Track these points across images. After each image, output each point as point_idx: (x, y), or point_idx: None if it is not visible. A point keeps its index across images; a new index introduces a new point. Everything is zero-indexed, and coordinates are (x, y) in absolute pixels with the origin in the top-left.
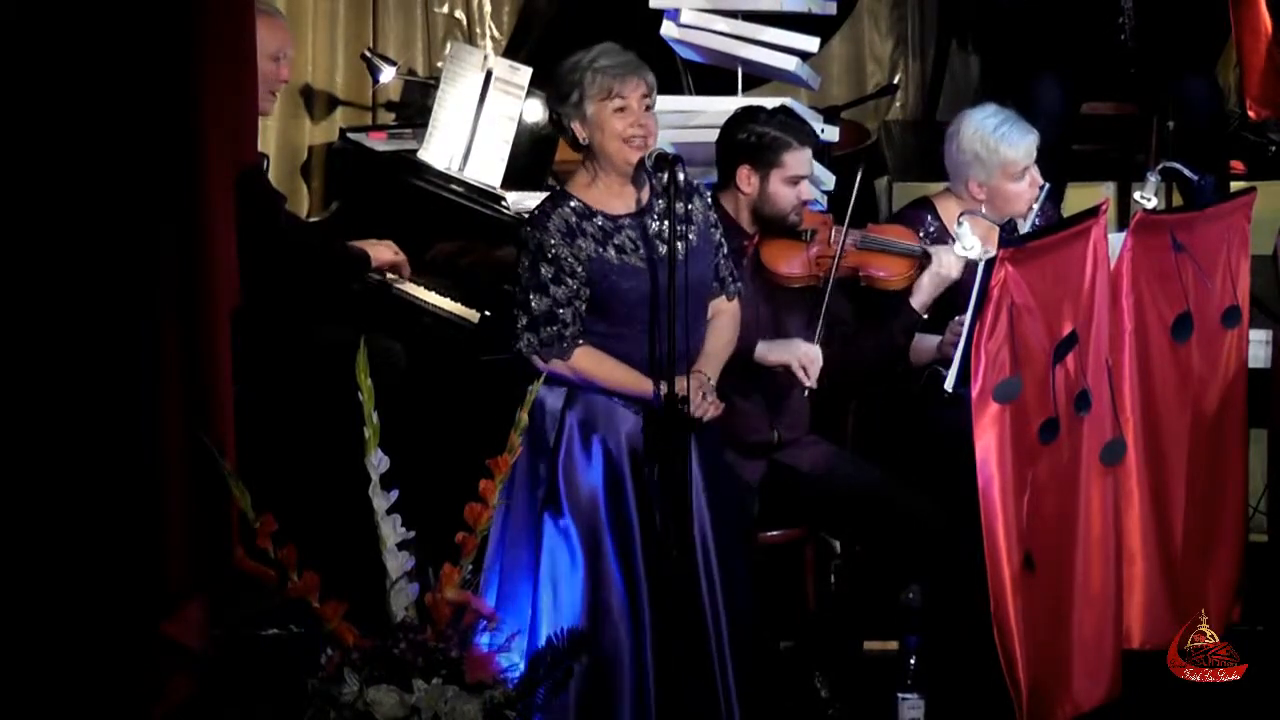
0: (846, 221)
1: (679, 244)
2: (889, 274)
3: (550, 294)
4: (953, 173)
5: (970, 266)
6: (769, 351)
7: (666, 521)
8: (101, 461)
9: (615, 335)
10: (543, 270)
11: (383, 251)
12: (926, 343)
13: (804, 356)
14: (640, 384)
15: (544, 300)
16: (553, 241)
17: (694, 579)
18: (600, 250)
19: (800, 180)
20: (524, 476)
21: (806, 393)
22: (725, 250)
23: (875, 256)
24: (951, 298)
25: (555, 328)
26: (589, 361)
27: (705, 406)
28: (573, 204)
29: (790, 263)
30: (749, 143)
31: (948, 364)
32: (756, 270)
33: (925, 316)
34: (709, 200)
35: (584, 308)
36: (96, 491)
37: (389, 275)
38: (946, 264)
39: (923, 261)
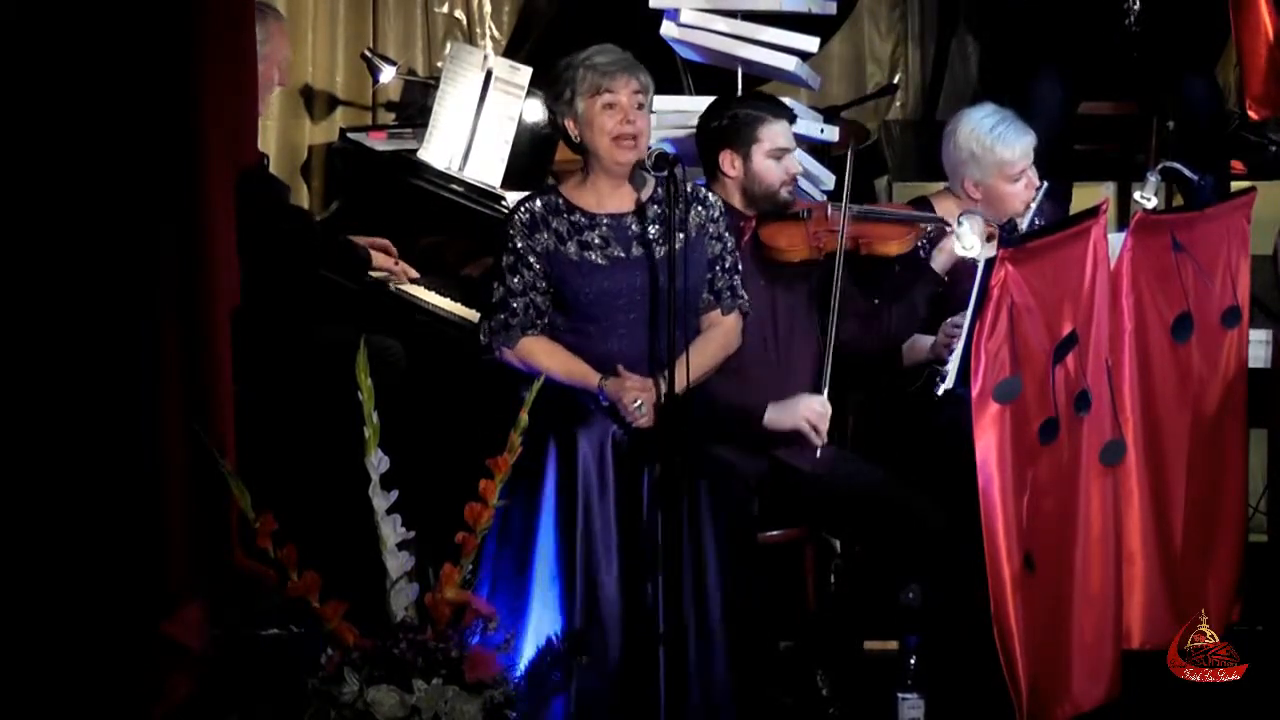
0: (845, 195)
1: (658, 249)
2: (887, 238)
3: (506, 283)
4: (949, 171)
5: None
6: (778, 416)
7: (627, 527)
8: (102, 461)
9: (575, 330)
10: (504, 260)
11: (378, 258)
12: (921, 342)
13: (811, 415)
14: (584, 377)
15: (500, 290)
16: (512, 232)
17: (674, 583)
18: (559, 245)
19: (784, 154)
20: None
21: (819, 453)
22: (728, 264)
23: (873, 225)
24: (951, 298)
25: (504, 316)
26: (535, 350)
27: (634, 414)
28: (550, 198)
29: (790, 238)
30: (723, 126)
31: (944, 364)
32: (756, 249)
33: (947, 278)
34: (715, 213)
35: (543, 300)
36: (97, 491)
37: (379, 274)
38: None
39: (929, 228)
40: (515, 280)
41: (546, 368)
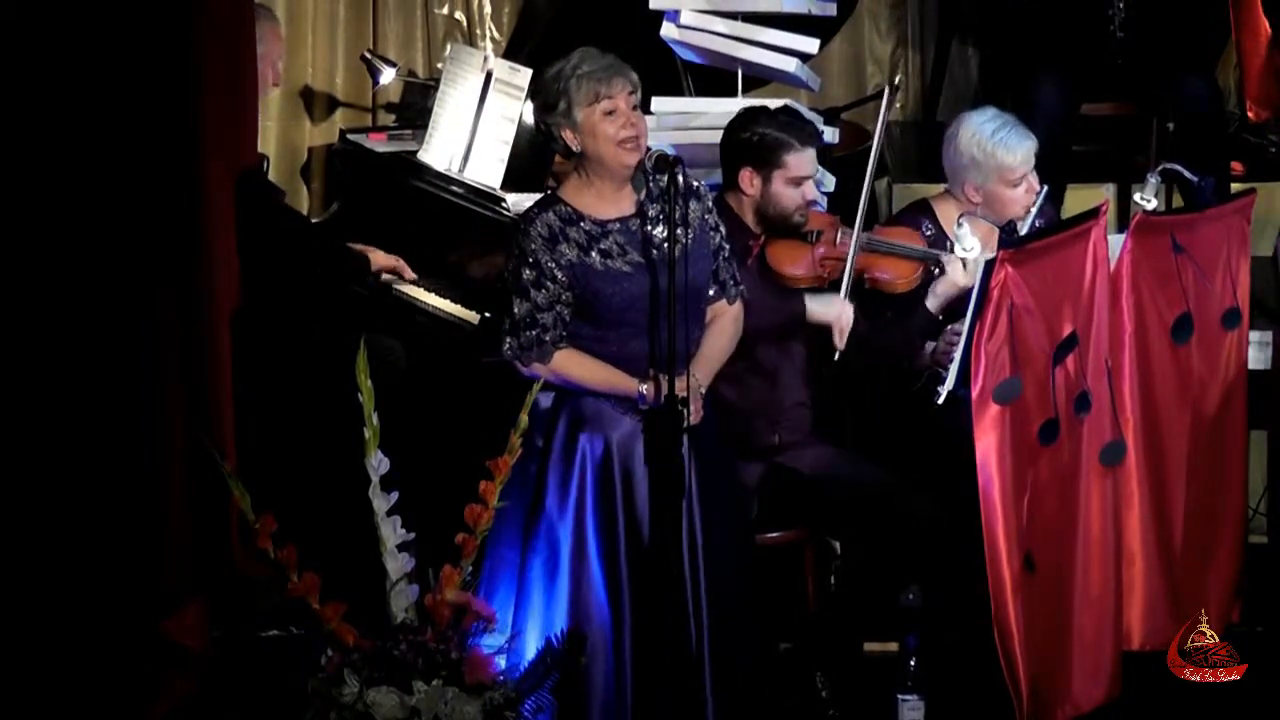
0: (858, 225)
1: (667, 249)
2: (894, 276)
3: (531, 298)
4: (950, 175)
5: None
6: (816, 307)
7: (658, 525)
8: (102, 462)
9: (601, 338)
10: (524, 275)
11: (380, 256)
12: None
13: (842, 318)
14: (623, 384)
15: (524, 305)
16: (533, 247)
17: (682, 582)
18: (583, 256)
19: (804, 181)
20: (513, 477)
21: (836, 355)
22: (727, 253)
23: (881, 259)
24: (953, 301)
25: (535, 332)
26: (569, 363)
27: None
28: (559, 209)
29: (796, 263)
30: (750, 144)
31: (944, 368)
32: (762, 271)
33: (940, 318)
34: (708, 203)
35: (568, 312)
36: (97, 491)
37: (385, 276)
38: (960, 272)
39: (933, 267)
40: (541, 295)
41: (582, 379)
